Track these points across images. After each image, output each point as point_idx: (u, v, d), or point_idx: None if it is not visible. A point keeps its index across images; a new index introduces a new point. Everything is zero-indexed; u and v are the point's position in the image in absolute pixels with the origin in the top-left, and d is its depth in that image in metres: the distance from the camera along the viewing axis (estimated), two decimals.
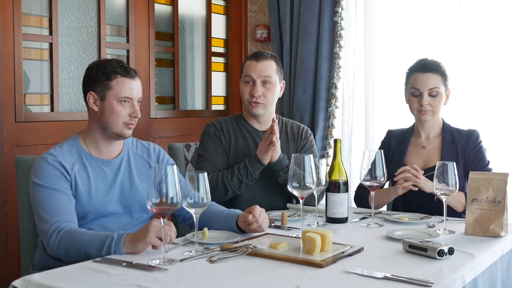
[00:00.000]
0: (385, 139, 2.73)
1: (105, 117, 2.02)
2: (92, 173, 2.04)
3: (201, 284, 1.47)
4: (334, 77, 3.78)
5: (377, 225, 2.19)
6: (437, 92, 2.48)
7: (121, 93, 2.01)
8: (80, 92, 3.25)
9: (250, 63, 2.59)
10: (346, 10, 3.76)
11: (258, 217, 1.97)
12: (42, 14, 3.08)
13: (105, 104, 2.01)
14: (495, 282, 1.89)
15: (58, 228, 1.86)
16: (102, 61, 2.07)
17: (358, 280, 1.50)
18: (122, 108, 2.02)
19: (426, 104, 2.47)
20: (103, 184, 2.05)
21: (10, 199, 2.89)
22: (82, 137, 2.10)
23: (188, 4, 4.00)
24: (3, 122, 2.88)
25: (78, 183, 1.99)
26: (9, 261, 2.93)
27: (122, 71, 2.02)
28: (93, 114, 2.06)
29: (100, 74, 2.01)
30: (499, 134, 3.23)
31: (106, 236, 1.79)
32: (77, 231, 1.85)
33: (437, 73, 2.49)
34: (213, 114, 4.17)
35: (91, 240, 1.80)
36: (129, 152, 2.17)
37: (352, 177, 3.58)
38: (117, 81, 2.01)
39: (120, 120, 2.02)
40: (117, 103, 2.01)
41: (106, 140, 2.08)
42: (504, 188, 2.04)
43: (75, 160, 2.02)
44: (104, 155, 2.09)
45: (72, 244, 1.82)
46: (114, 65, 2.02)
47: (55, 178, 1.95)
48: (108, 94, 2.01)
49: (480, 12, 3.31)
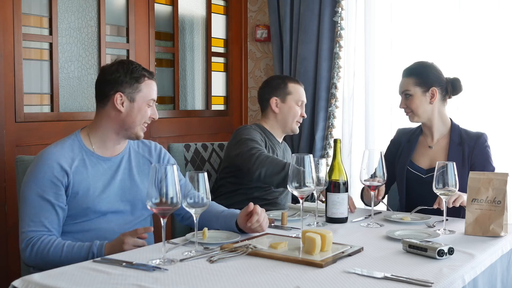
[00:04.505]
0: (395, 137, 2.77)
1: (131, 117, 2.08)
2: (91, 170, 2.05)
3: (201, 284, 1.47)
4: (334, 77, 3.78)
5: (377, 225, 2.19)
6: (409, 94, 2.58)
7: (149, 95, 2.10)
8: (80, 92, 3.26)
9: (299, 88, 2.86)
10: (346, 10, 3.76)
11: (260, 216, 1.98)
12: (42, 14, 3.07)
13: (134, 105, 2.08)
14: (495, 282, 1.90)
15: (32, 242, 1.91)
16: (124, 63, 2.11)
17: (358, 280, 1.50)
18: (147, 110, 2.11)
19: (402, 106, 2.62)
20: (102, 181, 2.06)
21: (10, 199, 2.89)
22: (86, 134, 2.11)
23: (188, 4, 4.00)
24: (3, 122, 2.88)
25: (76, 181, 2.01)
26: (9, 261, 2.93)
27: (148, 74, 2.12)
28: (114, 113, 2.08)
29: (130, 78, 2.07)
30: (499, 134, 3.23)
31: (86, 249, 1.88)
32: (52, 246, 1.90)
33: (409, 76, 2.60)
34: (213, 114, 4.17)
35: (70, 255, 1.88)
36: (130, 150, 2.19)
37: (352, 177, 3.59)
38: (146, 84, 2.10)
39: (143, 120, 2.10)
40: (145, 104, 2.09)
41: (117, 139, 2.12)
42: (504, 188, 2.05)
43: (75, 156, 2.04)
44: (107, 153, 2.12)
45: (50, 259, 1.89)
46: (138, 67, 2.10)
47: (48, 183, 1.96)
48: (137, 96, 2.08)
49: (480, 12, 3.31)
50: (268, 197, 2.73)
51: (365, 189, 2.56)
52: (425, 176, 2.56)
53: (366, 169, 2.17)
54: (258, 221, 1.98)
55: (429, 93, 2.55)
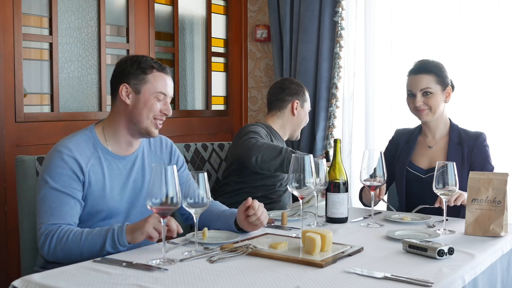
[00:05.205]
0: (393, 137, 2.76)
1: (137, 110, 2.00)
2: (107, 170, 1.99)
3: (201, 284, 1.47)
4: (334, 77, 3.78)
5: (377, 225, 2.19)
6: (429, 92, 2.51)
7: (157, 87, 2.01)
8: (80, 92, 3.26)
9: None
10: (346, 10, 3.76)
11: (257, 210, 1.95)
12: (42, 14, 3.07)
13: (139, 97, 2.00)
14: (495, 282, 1.90)
15: (50, 233, 1.83)
16: (136, 55, 2.06)
17: (358, 280, 1.50)
18: (155, 103, 2.01)
19: (419, 104, 2.52)
20: (117, 181, 2.01)
21: (10, 199, 2.89)
22: (101, 129, 2.04)
23: (188, 4, 4.00)
24: (3, 122, 2.88)
25: (92, 180, 1.95)
26: (9, 261, 2.93)
27: (157, 66, 2.04)
28: (122, 107, 2.02)
29: (136, 68, 2.00)
30: (499, 133, 3.23)
31: (106, 231, 1.79)
32: (71, 233, 1.82)
33: (429, 73, 2.52)
34: (213, 114, 4.17)
35: (91, 239, 1.80)
36: (144, 149, 2.13)
37: (352, 177, 3.59)
38: (153, 76, 2.01)
39: (152, 114, 2.00)
40: (152, 97, 2.00)
41: (129, 136, 2.04)
42: (504, 188, 2.05)
43: (91, 154, 1.97)
44: (121, 151, 2.05)
45: (70, 247, 1.81)
46: (148, 60, 2.03)
47: (66, 178, 1.90)
48: (143, 88, 1.99)
49: (480, 12, 3.31)
50: (272, 196, 2.74)
51: (365, 189, 2.56)
52: (425, 176, 2.56)
53: (366, 169, 2.17)
54: (256, 214, 1.95)
55: (445, 92, 2.55)
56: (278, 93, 2.89)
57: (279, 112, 2.88)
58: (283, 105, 2.87)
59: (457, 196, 2.22)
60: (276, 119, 2.88)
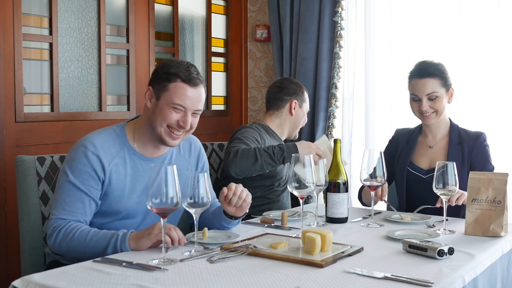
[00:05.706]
0: (393, 137, 2.75)
1: (154, 116, 1.96)
2: (130, 170, 1.98)
3: (201, 284, 1.47)
4: (334, 77, 3.78)
5: (377, 225, 2.19)
6: (435, 96, 2.49)
7: (174, 98, 1.94)
8: (80, 92, 3.26)
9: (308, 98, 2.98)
10: (346, 10, 3.76)
11: (235, 190, 1.94)
12: (42, 14, 3.07)
13: (158, 103, 1.95)
14: (495, 282, 1.90)
15: (59, 227, 1.85)
16: (173, 60, 1.99)
17: (358, 280, 1.50)
18: (171, 113, 1.94)
19: (426, 108, 2.50)
20: (140, 182, 1.99)
21: (10, 199, 2.89)
22: (132, 129, 2.03)
23: (188, 4, 4.00)
24: (3, 122, 2.88)
25: (113, 179, 1.94)
26: (9, 261, 2.93)
27: (185, 76, 1.94)
28: (146, 109, 2.01)
29: (163, 73, 1.96)
30: (499, 133, 3.23)
31: (110, 236, 1.79)
32: (78, 231, 1.84)
33: (434, 77, 2.50)
34: (213, 114, 4.17)
35: (95, 240, 1.81)
36: (173, 153, 2.10)
37: (352, 177, 3.59)
38: (175, 85, 1.94)
39: (165, 123, 1.95)
40: (169, 107, 1.94)
41: (153, 139, 2.01)
42: (504, 188, 2.05)
43: (116, 153, 1.96)
44: (148, 153, 2.03)
45: (75, 245, 1.83)
46: (181, 68, 1.95)
47: (86, 175, 1.90)
48: (163, 95, 1.95)
49: (480, 12, 3.31)
50: (270, 196, 2.75)
51: (365, 189, 2.56)
52: (425, 176, 2.55)
53: (366, 169, 2.17)
54: (235, 194, 1.93)
55: (448, 93, 2.55)
56: (276, 92, 2.90)
57: (277, 112, 2.89)
58: (281, 105, 2.88)
59: (459, 195, 2.22)
60: (274, 118, 2.89)
